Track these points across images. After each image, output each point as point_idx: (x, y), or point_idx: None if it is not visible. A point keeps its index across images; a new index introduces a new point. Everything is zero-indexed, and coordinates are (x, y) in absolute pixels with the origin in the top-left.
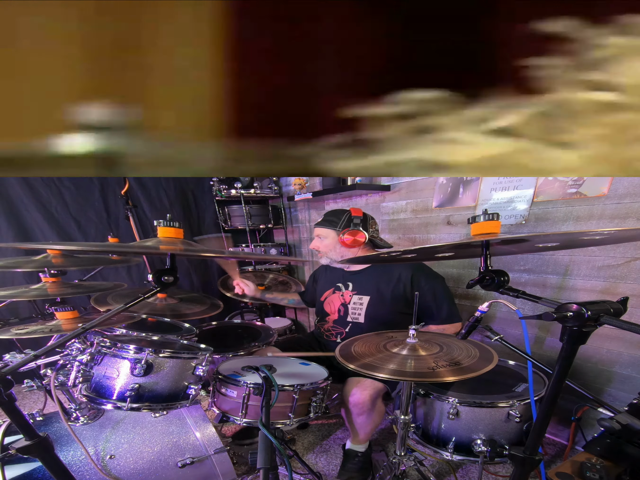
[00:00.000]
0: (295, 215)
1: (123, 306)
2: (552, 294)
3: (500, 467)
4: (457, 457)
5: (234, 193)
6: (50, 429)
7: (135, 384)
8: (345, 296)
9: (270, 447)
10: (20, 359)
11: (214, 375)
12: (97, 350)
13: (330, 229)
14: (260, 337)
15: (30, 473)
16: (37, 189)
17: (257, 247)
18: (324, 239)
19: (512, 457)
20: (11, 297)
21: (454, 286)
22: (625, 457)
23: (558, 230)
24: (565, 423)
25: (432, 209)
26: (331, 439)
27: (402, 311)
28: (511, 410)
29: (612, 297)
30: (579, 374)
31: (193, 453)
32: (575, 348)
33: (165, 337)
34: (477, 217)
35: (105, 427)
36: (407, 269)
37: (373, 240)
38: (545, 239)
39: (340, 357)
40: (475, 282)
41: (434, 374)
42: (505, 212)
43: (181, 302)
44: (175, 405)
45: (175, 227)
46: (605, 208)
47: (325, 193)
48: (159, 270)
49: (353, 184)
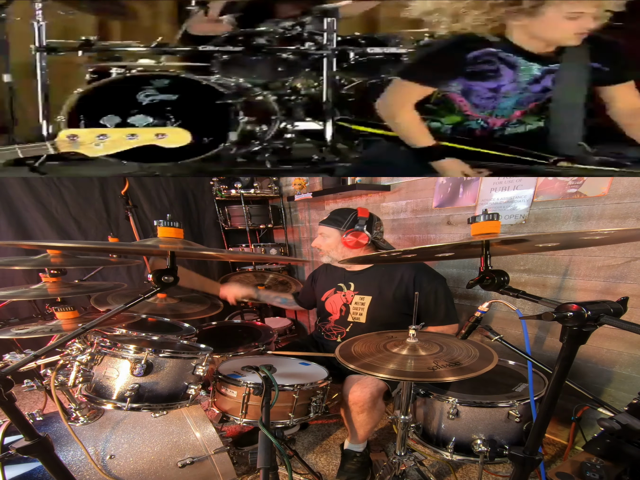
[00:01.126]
0: (295, 215)
1: (123, 306)
2: (552, 294)
3: (500, 467)
4: (457, 457)
5: (234, 193)
6: (50, 429)
7: (135, 384)
8: (347, 296)
9: (270, 447)
10: (20, 359)
11: (214, 375)
12: (97, 350)
13: (334, 228)
14: (260, 337)
15: (30, 473)
16: (37, 189)
17: (257, 247)
18: (326, 238)
19: (512, 457)
20: (11, 297)
21: (454, 286)
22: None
23: (558, 230)
24: (565, 423)
25: (432, 209)
26: (331, 439)
27: (404, 312)
28: (511, 410)
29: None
30: (579, 374)
31: (193, 453)
32: (575, 348)
33: (165, 337)
34: (477, 217)
35: (105, 427)
36: (410, 269)
37: (376, 243)
38: (545, 239)
39: (340, 357)
40: (475, 282)
41: (434, 374)
42: (505, 212)
43: (181, 302)
44: (175, 405)
45: (175, 227)
46: (605, 208)
47: (325, 193)
48: (158, 270)
49: (353, 184)
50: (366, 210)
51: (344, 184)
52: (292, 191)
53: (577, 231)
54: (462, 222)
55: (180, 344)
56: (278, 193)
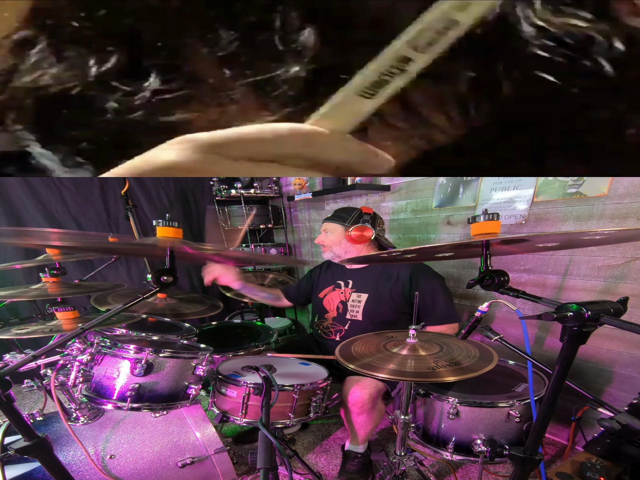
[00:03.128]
0: (295, 215)
1: (123, 306)
2: (552, 294)
3: (500, 467)
4: (457, 457)
5: (234, 193)
6: (50, 429)
7: (136, 384)
8: (345, 293)
9: (270, 447)
10: (20, 359)
11: (214, 375)
12: (97, 350)
13: (339, 224)
14: (260, 337)
15: (30, 473)
16: (37, 189)
17: (257, 247)
18: (330, 234)
19: (512, 457)
20: (11, 297)
21: (454, 286)
22: (625, 457)
23: (558, 230)
24: (565, 423)
25: (432, 209)
26: (331, 439)
27: (401, 310)
28: (511, 410)
29: (612, 297)
30: (579, 374)
31: (193, 453)
32: (575, 348)
33: (165, 337)
34: (477, 217)
35: (105, 427)
36: (407, 267)
37: (378, 239)
38: (545, 239)
39: (340, 357)
40: (475, 282)
41: (434, 374)
42: (505, 212)
43: (181, 302)
44: (176, 405)
45: (175, 227)
46: (605, 208)
47: (325, 193)
48: (158, 270)
49: (353, 184)
50: (370, 209)
51: (344, 183)
52: (292, 191)
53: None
54: (462, 222)
55: (180, 344)
56: (278, 193)
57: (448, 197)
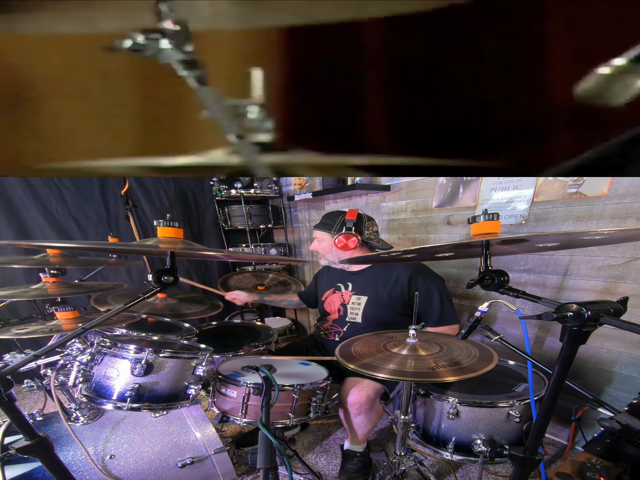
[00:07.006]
0: (295, 215)
1: (123, 306)
2: (552, 294)
3: (500, 467)
4: (457, 457)
5: (234, 193)
6: (50, 429)
7: (136, 384)
8: (345, 296)
9: (270, 447)
10: (20, 359)
11: (214, 375)
12: (97, 350)
13: (326, 232)
14: (260, 337)
15: (30, 473)
16: (37, 189)
17: (257, 247)
18: (321, 242)
19: (512, 457)
20: (11, 297)
21: (454, 286)
22: (625, 457)
23: (558, 230)
24: (565, 423)
25: (432, 209)
26: (331, 439)
27: (400, 312)
28: (511, 410)
29: (612, 297)
30: (579, 374)
31: (193, 453)
32: (575, 348)
33: (165, 337)
34: (477, 217)
35: (105, 427)
36: (406, 269)
37: (369, 243)
38: (545, 239)
39: (340, 357)
40: (475, 282)
41: (434, 374)
42: (505, 212)
43: (181, 302)
44: (175, 405)
45: (175, 227)
46: (605, 208)
47: (325, 193)
48: (159, 270)
49: (353, 184)
50: (355, 212)
51: (344, 183)
52: (292, 191)
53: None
54: (462, 222)
55: (180, 344)
56: (278, 193)
57: (448, 197)
